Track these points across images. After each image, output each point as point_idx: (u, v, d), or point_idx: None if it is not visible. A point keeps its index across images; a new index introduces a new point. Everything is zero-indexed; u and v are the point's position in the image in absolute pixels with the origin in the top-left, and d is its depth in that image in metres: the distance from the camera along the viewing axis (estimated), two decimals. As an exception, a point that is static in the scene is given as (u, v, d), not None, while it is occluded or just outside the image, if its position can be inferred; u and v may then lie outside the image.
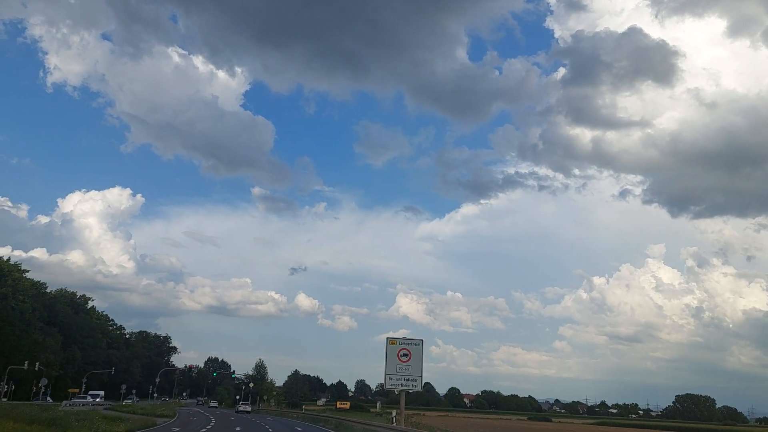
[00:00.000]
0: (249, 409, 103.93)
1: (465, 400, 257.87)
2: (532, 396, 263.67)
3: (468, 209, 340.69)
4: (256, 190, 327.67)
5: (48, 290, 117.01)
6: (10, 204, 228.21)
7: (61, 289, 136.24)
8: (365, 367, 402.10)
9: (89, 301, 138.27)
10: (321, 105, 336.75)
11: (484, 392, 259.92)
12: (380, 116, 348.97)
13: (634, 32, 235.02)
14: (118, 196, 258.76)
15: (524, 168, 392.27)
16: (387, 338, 42.42)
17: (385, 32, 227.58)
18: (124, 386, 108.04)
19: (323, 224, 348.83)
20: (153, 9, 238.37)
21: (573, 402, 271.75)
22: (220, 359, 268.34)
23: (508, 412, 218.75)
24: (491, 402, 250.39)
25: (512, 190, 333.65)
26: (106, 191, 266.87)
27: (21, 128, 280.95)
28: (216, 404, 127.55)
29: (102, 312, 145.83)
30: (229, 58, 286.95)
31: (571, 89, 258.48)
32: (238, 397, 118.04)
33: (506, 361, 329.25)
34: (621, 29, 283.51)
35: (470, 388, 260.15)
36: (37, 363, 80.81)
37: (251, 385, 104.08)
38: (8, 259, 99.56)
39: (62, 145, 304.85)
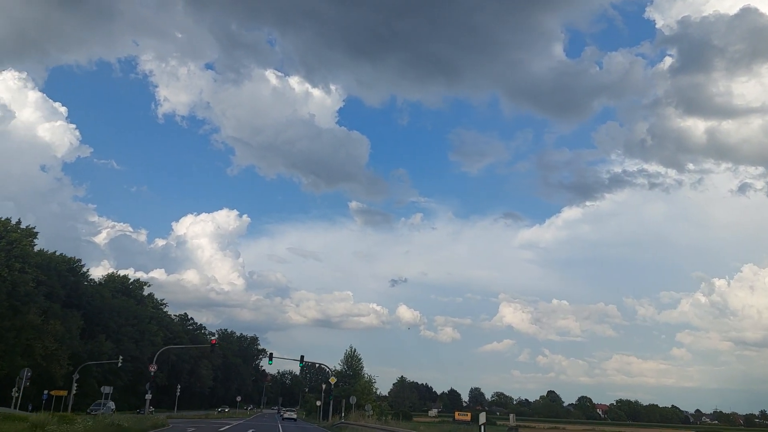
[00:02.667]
0: (294, 416, 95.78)
1: (597, 410, 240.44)
2: (676, 406, 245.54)
3: (569, 213, 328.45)
4: (353, 204, 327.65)
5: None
6: (131, 229, 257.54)
7: (112, 273, 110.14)
8: (471, 379, 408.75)
9: (144, 287, 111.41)
10: (414, 115, 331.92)
11: (619, 402, 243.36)
12: (474, 122, 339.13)
13: (748, 12, 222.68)
14: (226, 218, 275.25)
15: (632, 166, 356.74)
16: None
17: (479, 35, 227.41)
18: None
19: (420, 235, 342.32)
20: (252, 34, 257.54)
21: (728, 413, 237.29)
22: (317, 365, 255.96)
23: (651, 424, 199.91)
24: (629, 413, 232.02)
25: (620, 189, 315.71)
26: (215, 213, 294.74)
27: (138, 159, 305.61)
28: (294, 414, 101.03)
29: (162, 300, 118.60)
30: (324, 75, 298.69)
31: (681, 78, 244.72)
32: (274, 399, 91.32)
33: (620, 371, 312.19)
34: (732, 11, 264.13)
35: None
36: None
37: (332, 381, 69.01)
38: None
39: (174, 172, 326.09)
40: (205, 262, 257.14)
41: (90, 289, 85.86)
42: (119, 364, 62.54)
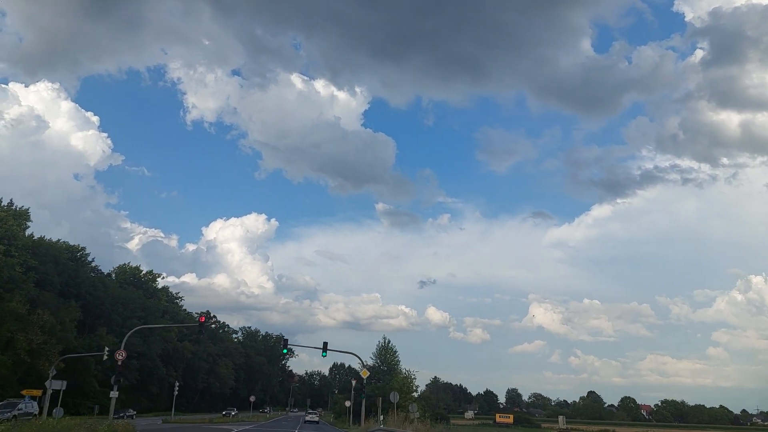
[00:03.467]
0: (316, 418, 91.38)
1: (642, 411, 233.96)
2: (725, 406, 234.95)
3: (599, 211, 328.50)
4: (380, 206, 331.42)
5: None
6: (162, 235, 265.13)
7: (123, 265, 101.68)
8: (503, 380, 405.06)
9: (158, 279, 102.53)
10: (440, 115, 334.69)
11: (664, 402, 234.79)
12: (501, 120, 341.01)
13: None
14: (255, 222, 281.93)
15: (664, 161, 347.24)
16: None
17: (505, 32, 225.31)
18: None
19: (448, 236, 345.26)
20: (277, 39, 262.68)
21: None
22: (346, 365, 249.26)
23: (700, 425, 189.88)
24: (675, 414, 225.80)
25: (652, 186, 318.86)
26: (243, 217, 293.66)
27: (168, 165, 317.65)
28: (315, 417, 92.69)
29: (177, 294, 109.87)
30: (349, 78, 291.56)
31: (713, 71, 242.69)
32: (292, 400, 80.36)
33: (655, 371, 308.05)
34: (766, 1, 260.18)
35: (615, 400, 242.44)
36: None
37: (365, 375, 55.20)
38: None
39: (203, 178, 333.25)
40: (235, 266, 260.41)
41: (91, 278, 76.89)
42: (104, 357, 53.13)
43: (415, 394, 68.30)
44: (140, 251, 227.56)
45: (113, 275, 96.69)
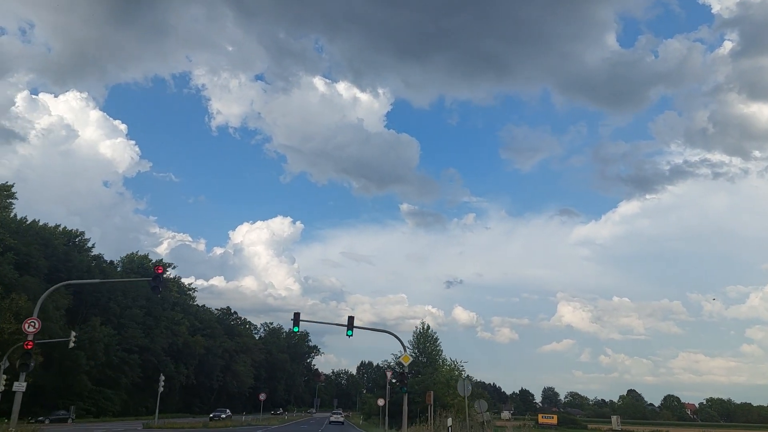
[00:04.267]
0: (341, 419, 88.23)
1: (686, 410, 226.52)
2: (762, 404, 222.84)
3: (626, 208, 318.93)
4: (405, 207, 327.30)
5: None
6: (190, 239, 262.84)
7: (132, 254, 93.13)
8: (533, 380, 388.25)
9: (168, 268, 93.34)
10: (463, 114, 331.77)
11: (710, 400, 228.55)
12: (525, 118, 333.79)
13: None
14: (281, 225, 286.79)
15: (694, 156, 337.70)
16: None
17: (528, 27, 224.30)
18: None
19: (473, 235, 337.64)
20: (299, 42, 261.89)
21: None
22: (375, 363, 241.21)
23: (750, 425, 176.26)
24: (722, 413, 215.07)
25: (682, 180, 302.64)
26: (269, 221, 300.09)
27: (194, 170, 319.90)
28: (340, 417, 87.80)
29: (190, 285, 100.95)
30: (372, 79, 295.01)
31: (743, 62, 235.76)
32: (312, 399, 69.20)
33: (687, 369, 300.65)
34: None
35: (653, 398, 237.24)
36: None
37: (406, 361, 43.26)
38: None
39: (229, 182, 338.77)
40: (262, 268, 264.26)
41: (87, 263, 67.65)
42: (70, 345, 43.47)
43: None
44: (169, 255, 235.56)
45: (120, 265, 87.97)
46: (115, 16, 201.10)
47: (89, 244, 76.38)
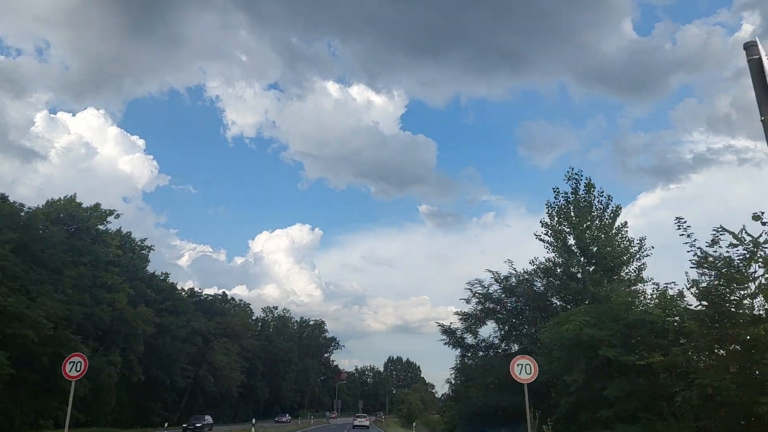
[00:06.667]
0: (366, 423, 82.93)
1: None
2: None
3: (645, 200, 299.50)
4: (423, 208, 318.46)
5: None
6: (211, 250, 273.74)
7: (53, 200, 64.83)
8: None
9: (111, 217, 64.61)
10: (479, 112, 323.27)
11: None
12: (542, 113, 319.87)
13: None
14: (299, 232, 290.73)
15: (717, 143, 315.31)
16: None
17: (543, 19, 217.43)
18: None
19: (494, 234, 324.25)
20: (312, 46, 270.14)
21: None
22: (404, 359, 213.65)
23: None
24: None
25: (706, 168, 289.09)
26: (288, 228, 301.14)
27: (212, 182, 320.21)
28: (365, 421, 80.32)
29: (143, 242, 72.95)
30: (386, 81, 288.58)
31: (764, 44, 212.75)
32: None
33: None
34: None
35: None
36: None
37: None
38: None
39: (247, 192, 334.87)
40: (283, 276, 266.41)
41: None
42: None
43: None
44: (191, 267, 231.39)
45: (40, 214, 59.01)
46: (130, 29, 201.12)
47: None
